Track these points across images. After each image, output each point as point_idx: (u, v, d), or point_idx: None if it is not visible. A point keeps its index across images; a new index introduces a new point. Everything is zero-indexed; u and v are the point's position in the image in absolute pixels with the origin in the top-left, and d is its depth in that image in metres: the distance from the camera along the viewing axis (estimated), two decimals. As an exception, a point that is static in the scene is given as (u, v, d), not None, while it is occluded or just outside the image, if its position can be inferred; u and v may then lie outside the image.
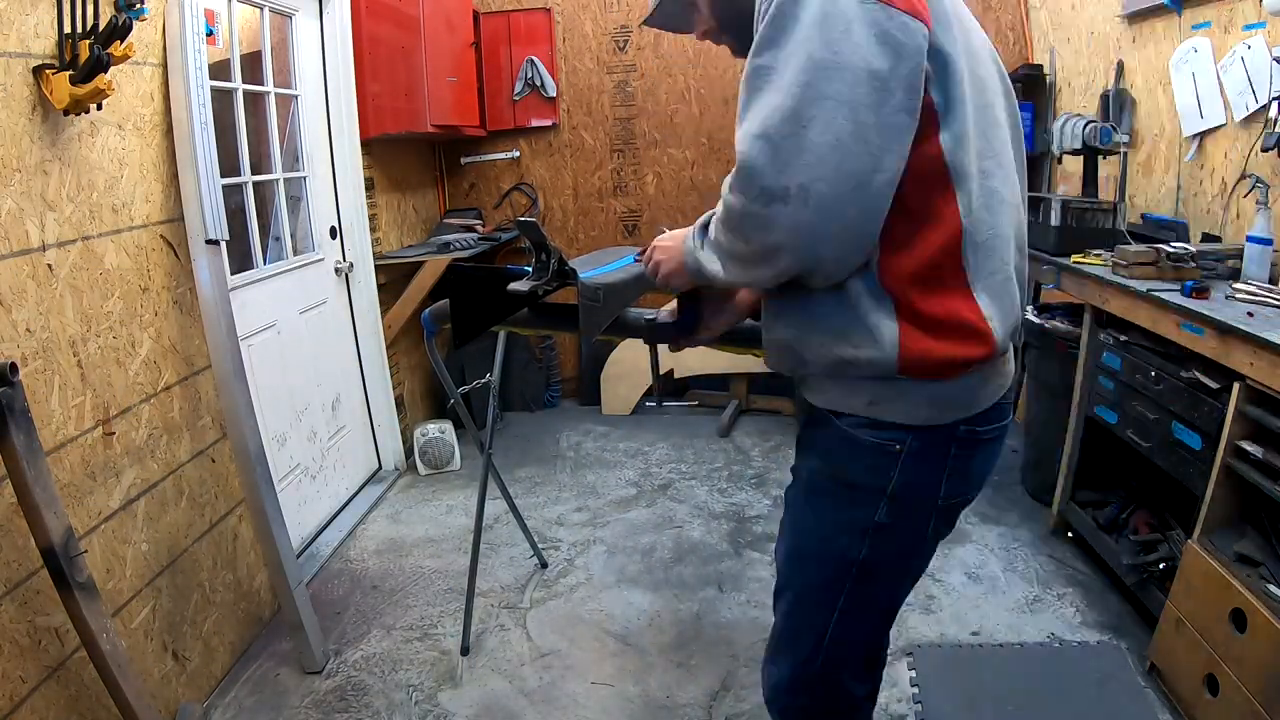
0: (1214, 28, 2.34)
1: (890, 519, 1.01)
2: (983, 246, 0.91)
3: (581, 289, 1.19)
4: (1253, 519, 1.72)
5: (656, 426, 3.82)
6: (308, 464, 2.79)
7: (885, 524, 1.01)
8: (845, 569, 1.05)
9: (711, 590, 2.44)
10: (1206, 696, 1.66)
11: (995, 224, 0.93)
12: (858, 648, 1.14)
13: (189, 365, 2.02)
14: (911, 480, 0.98)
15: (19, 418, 1.36)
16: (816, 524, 1.09)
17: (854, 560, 1.04)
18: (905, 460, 0.97)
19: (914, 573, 1.16)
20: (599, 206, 4.11)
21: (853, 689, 1.17)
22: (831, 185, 0.81)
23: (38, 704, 1.47)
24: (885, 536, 1.02)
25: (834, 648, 1.11)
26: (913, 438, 0.96)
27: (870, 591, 1.08)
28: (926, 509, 1.01)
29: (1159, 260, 2.06)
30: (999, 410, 1.02)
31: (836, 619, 1.09)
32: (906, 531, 1.03)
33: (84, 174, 1.68)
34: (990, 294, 0.92)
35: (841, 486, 1.03)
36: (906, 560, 1.10)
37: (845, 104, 0.80)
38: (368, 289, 3.18)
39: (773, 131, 0.82)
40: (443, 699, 2.00)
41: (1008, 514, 2.80)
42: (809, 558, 1.11)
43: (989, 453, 1.06)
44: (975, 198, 0.90)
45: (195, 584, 2.01)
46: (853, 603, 1.07)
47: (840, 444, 1.01)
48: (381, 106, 3.09)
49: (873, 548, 1.03)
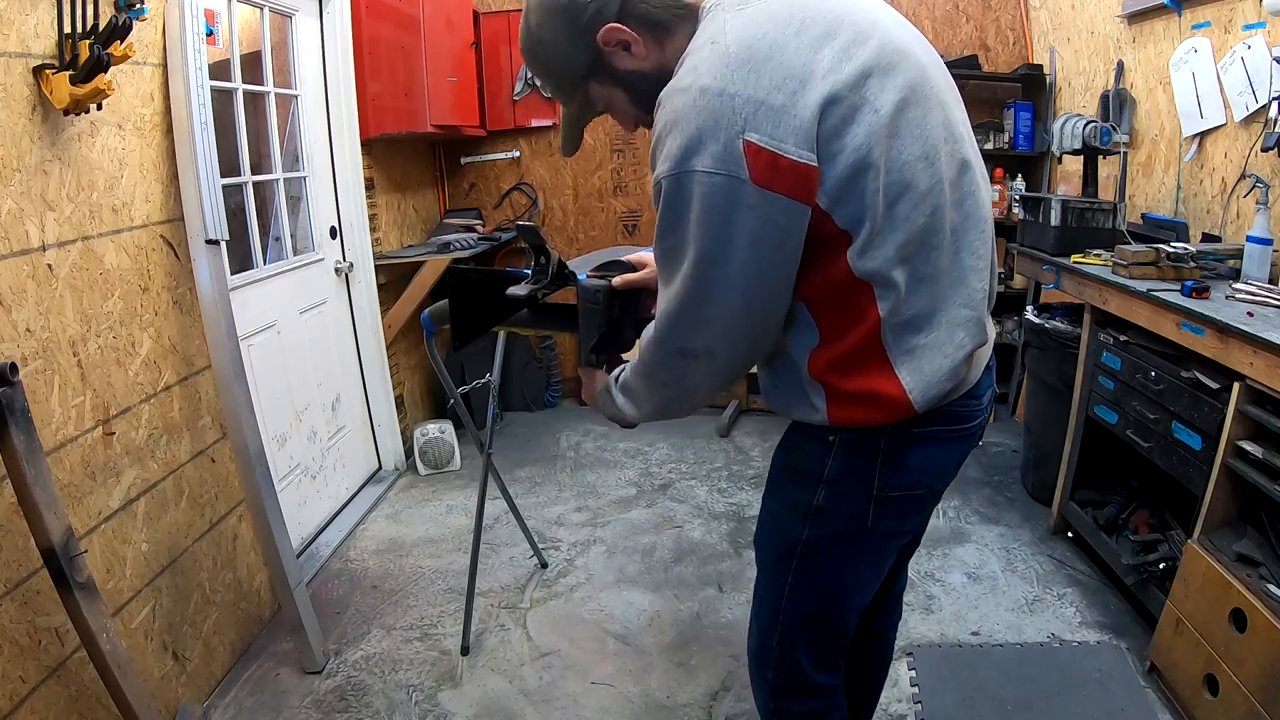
0: (1214, 28, 2.34)
1: (826, 503, 1.11)
2: (906, 325, 0.98)
3: (581, 291, 1.19)
4: (1253, 519, 1.72)
5: (656, 426, 3.82)
6: (308, 464, 2.79)
7: (823, 508, 1.11)
8: (792, 547, 1.16)
9: (711, 590, 2.44)
10: (1206, 696, 1.67)
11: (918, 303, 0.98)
12: (811, 628, 1.21)
13: (189, 365, 2.02)
14: (844, 468, 1.08)
15: (19, 418, 1.35)
16: (773, 505, 1.22)
17: (797, 539, 1.15)
18: (837, 450, 1.07)
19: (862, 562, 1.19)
20: (599, 206, 4.11)
21: (811, 674, 1.23)
22: (730, 345, 1.00)
23: (38, 704, 1.48)
24: (823, 519, 1.12)
25: (787, 623, 1.21)
26: (845, 431, 1.06)
27: (813, 571, 1.16)
28: (861, 496, 1.09)
29: (1159, 260, 2.06)
30: (941, 415, 1.06)
31: (787, 594, 1.19)
32: (843, 516, 1.11)
33: (84, 174, 1.68)
34: (911, 365, 0.99)
35: (792, 472, 1.15)
36: (847, 544, 1.15)
37: (735, 287, 0.94)
38: (368, 289, 3.18)
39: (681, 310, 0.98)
40: (443, 699, 2.00)
41: (1008, 514, 2.80)
42: (766, 535, 1.23)
43: (935, 451, 1.09)
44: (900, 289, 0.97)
45: (195, 584, 2.01)
46: (799, 580, 1.17)
47: (795, 435, 1.14)
48: (381, 106, 3.09)
49: (812, 528, 1.13)
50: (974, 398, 1.10)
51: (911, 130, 0.95)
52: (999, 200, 3.66)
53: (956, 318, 1.00)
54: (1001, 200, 3.67)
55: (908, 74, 0.96)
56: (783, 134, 0.88)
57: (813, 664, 1.23)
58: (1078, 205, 2.50)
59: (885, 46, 0.96)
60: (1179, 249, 2.07)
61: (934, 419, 1.05)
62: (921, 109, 0.97)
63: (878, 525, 1.11)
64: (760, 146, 0.88)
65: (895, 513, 1.12)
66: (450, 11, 3.52)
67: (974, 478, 3.09)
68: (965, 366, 1.03)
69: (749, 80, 0.88)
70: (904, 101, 0.95)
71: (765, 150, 0.88)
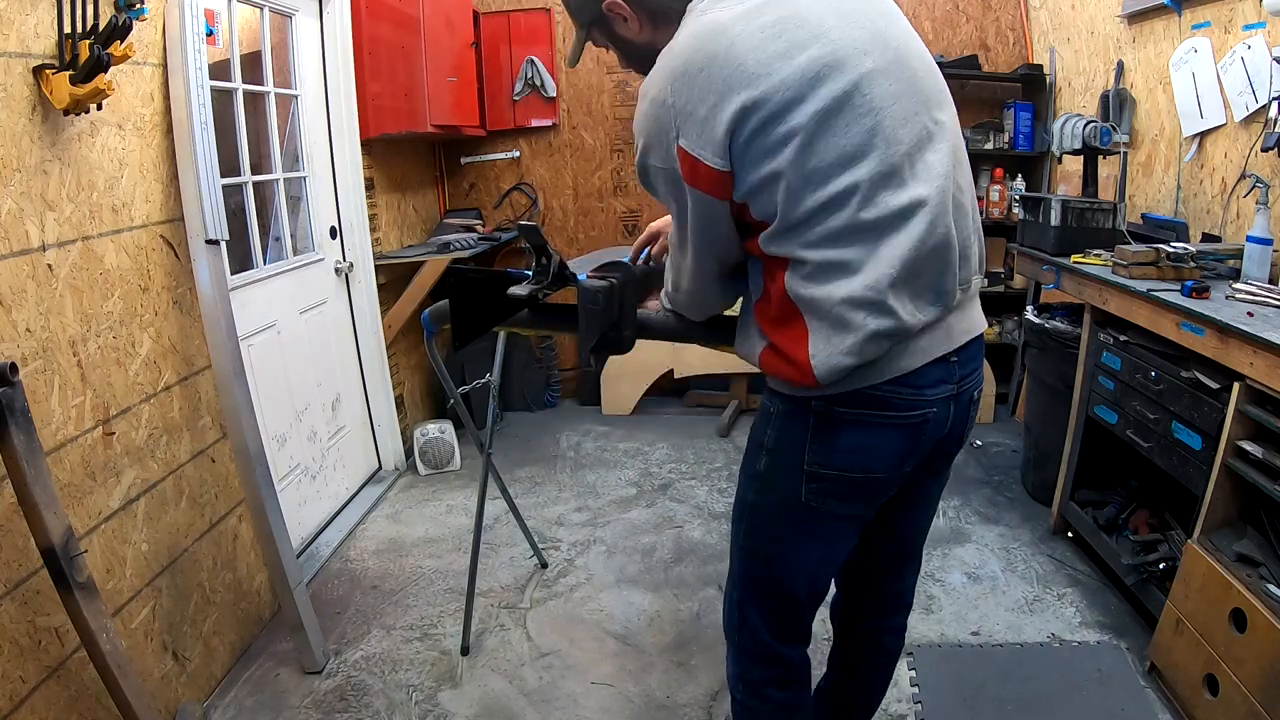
0: (1214, 28, 2.34)
1: (766, 471, 1.22)
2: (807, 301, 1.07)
3: (581, 293, 1.19)
4: (1253, 519, 1.72)
5: (656, 426, 3.82)
6: (308, 464, 2.79)
7: (763, 474, 1.22)
8: (743, 509, 1.28)
9: (711, 590, 2.44)
10: (1206, 696, 1.67)
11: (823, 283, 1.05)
12: (761, 593, 1.30)
13: (189, 365, 2.02)
14: (779, 439, 1.19)
15: (19, 418, 1.35)
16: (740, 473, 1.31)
17: (746, 502, 1.27)
18: (774, 420, 1.19)
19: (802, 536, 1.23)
20: (599, 206, 4.11)
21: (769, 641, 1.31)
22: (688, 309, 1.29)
23: (38, 704, 1.48)
24: (764, 486, 1.23)
25: (741, 584, 1.32)
26: (781, 402, 1.18)
27: (757, 535, 1.27)
28: (794, 469, 1.17)
29: (1159, 260, 2.06)
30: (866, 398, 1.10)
31: (737, 555, 1.31)
32: (780, 487, 1.20)
33: (84, 174, 1.68)
34: (821, 336, 1.07)
35: (750, 442, 1.26)
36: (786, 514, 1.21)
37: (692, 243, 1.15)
38: (368, 289, 3.18)
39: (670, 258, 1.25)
40: (443, 699, 2.00)
41: (1008, 514, 2.80)
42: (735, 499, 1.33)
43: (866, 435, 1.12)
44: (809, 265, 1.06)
45: (195, 584, 2.01)
46: (747, 542, 1.28)
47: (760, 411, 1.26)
48: (381, 106, 3.09)
49: (755, 494, 1.25)
50: (911, 386, 1.10)
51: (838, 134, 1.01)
52: (999, 200, 3.67)
53: (858, 299, 1.03)
54: (1001, 200, 3.67)
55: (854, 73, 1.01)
56: (703, 143, 1.02)
57: (770, 632, 1.30)
58: (1078, 205, 2.50)
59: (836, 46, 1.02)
60: (1179, 249, 2.07)
61: (858, 401, 1.10)
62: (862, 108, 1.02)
63: (811, 500, 1.17)
64: (686, 151, 1.04)
65: (830, 491, 1.16)
66: (450, 11, 3.51)
67: (974, 478, 3.09)
68: (872, 347, 1.04)
69: (682, 92, 1.02)
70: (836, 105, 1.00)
71: (690, 155, 1.04)
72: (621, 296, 1.24)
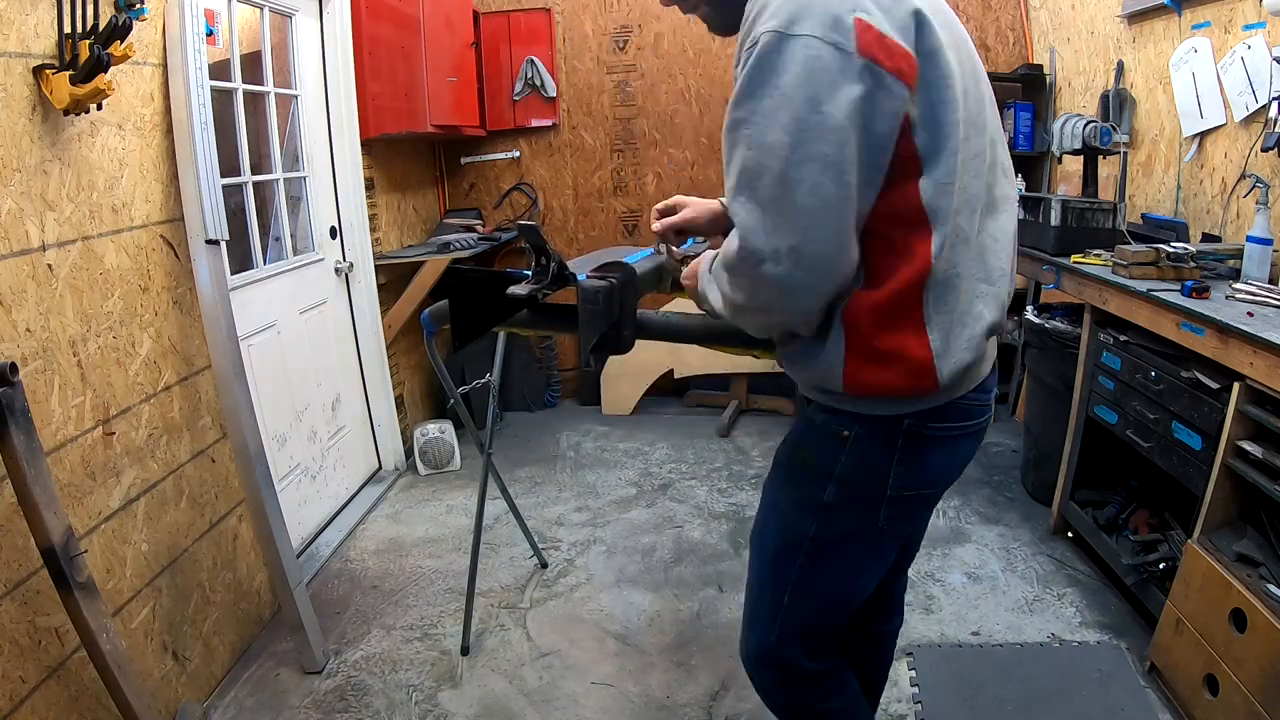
0: (1214, 28, 2.34)
1: (837, 500, 1.08)
2: (943, 284, 0.95)
3: (581, 293, 1.19)
4: (1253, 519, 1.72)
5: (656, 426, 3.82)
6: (308, 464, 2.79)
7: (832, 504, 1.08)
8: (798, 543, 1.13)
9: (711, 590, 2.44)
10: (1206, 696, 1.67)
11: (957, 261, 0.96)
12: (812, 628, 1.19)
13: (189, 365, 2.02)
14: (857, 465, 1.05)
15: (19, 418, 1.35)
16: (776, 500, 1.18)
17: (804, 535, 1.12)
18: (852, 446, 1.04)
19: (867, 561, 1.17)
20: (599, 206, 4.11)
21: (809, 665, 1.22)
22: (821, 245, 0.87)
23: (38, 704, 1.47)
24: (834, 515, 1.09)
25: (788, 621, 1.17)
26: (859, 425, 1.03)
27: (820, 568, 1.14)
28: (874, 495, 1.06)
29: (1159, 260, 2.06)
30: (956, 410, 1.04)
31: (790, 590, 1.16)
32: (854, 515, 1.09)
33: (84, 174, 1.68)
34: (943, 329, 0.96)
35: (799, 466, 1.12)
36: (857, 544, 1.13)
37: (831, 165, 0.84)
38: (368, 289, 3.18)
39: (760, 194, 0.86)
40: (443, 699, 2.00)
41: (1008, 514, 2.80)
42: (770, 531, 1.19)
43: (949, 450, 1.08)
44: (948, 237, 0.94)
45: (195, 584, 2.01)
46: (804, 576, 1.14)
47: (804, 428, 1.11)
48: (381, 106, 3.09)
49: (821, 525, 1.10)
50: (984, 391, 1.10)
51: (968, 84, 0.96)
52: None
53: (977, 289, 0.98)
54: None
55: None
56: (890, 22, 0.87)
57: (808, 655, 1.23)
58: (1078, 205, 2.50)
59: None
60: (1179, 249, 2.07)
61: (949, 414, 1.03)
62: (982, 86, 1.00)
63: (885, 525, 1.09)
64: (869, 24, 0.85)
65: (906, 514, 1.11)
66: (450, 11, 3.51)
67: (974, 478, 3.09)
68: (984, 343, 1.00)
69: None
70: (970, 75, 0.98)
71: (874, 28, 0.85)
72: (621, 296, 1.24)
